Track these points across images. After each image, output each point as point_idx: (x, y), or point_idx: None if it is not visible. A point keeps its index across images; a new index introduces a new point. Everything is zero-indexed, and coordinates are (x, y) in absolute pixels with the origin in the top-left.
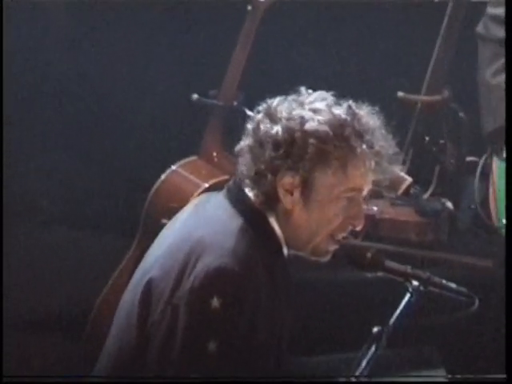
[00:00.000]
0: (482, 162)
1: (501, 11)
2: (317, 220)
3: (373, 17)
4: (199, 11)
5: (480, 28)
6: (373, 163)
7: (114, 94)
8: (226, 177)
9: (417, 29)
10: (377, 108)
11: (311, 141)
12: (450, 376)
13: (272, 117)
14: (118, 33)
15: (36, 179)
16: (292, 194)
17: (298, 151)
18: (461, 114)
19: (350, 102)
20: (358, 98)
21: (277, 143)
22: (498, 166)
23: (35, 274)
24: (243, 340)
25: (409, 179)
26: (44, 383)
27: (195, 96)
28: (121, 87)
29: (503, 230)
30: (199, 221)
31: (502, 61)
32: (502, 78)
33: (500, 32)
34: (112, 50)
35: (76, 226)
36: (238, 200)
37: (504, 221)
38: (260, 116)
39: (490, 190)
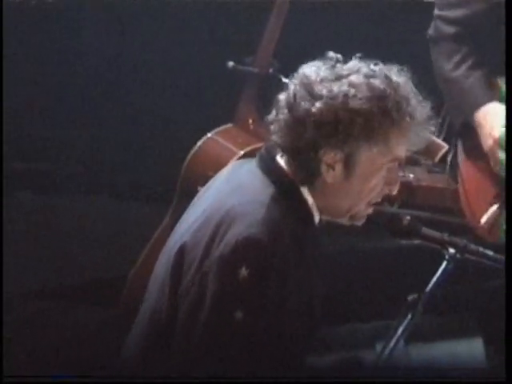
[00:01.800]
0: (450, 156)
1: (448, 13)
2: (358, 191)
3: None
4: None
5: (431, 31)
6: (413, 134)
7: (150, 63)
8: (262, 144)
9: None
10: (405, 68)
11: (357, 119)
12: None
13: (311, 91)
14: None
15: (71, 148)
16: (334, 169)
17: (344, 130)
18: None
19: (381, 65)
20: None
21: (319, 122)
22: (463, 160)
23: (72, 243)
24: (271, 310)
25: (446, 146)
26: (44, 383)
27: (231, 63)
28: (156, 55)
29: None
30: (231, 189)
31: (460, 55)
32: (461, 70)
33: (451, 29)
34: (148, 17)
35: (113, 194)
36: (269, 169)
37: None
38: (296, 88)
39: (460, 187)
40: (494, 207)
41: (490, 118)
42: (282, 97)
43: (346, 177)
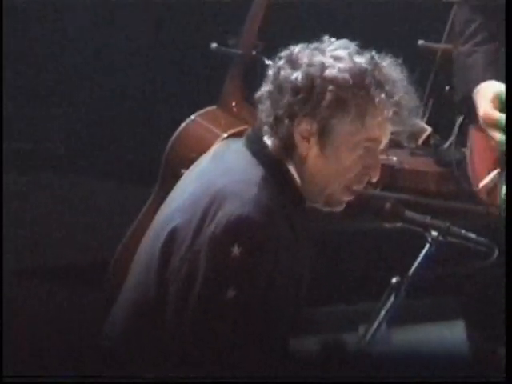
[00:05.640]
0: (456, 127)
1: None
2: (332, 169)
3: None
4: None
5: None
6: (391, 113)
7: (133, 44)
8: (245, 127)
9: None
10: (400, 60)
11: (330, 87)
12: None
13: (293, 63)
14: None
15: (55, 129)
16: (308, 141)
17: (317, 97)
18: None
19: (373, 52)
20: (379, 46)
21: (296, 88)
22: (470, 129)
23: (53, 223)
24: (262, 289)
25: (429, 129)
26: (44, 383)
27: (214, 45)
28: (140, 37)
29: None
30: (220, 169)
31: (472, 28)
32: (469, 45)
33: None
34: (131, 3)
35: (96, 175)
36: (257, 149)
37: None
38: (281, 62)
39: (467, 155)
40: (494, 172)
41: (480, 97)
42: (269, 72)
43: (321, 151)
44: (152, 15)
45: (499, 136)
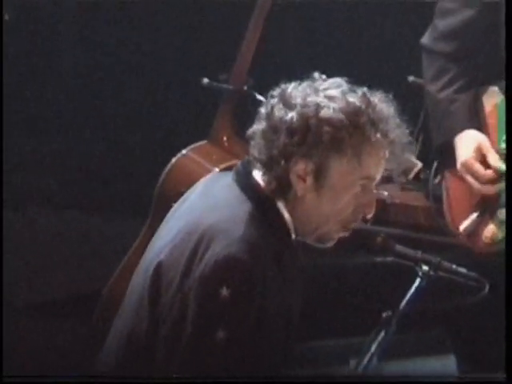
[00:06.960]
0: (433, 170)
1: (448, 23)
2: (328, 207)
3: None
4: None
5: (426, 40)
6: (387, 152)
7: (125, 79)
8: (236, 161)
9: (428, 11)
10: (390, 95)
11: (326, 128)
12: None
13: (287, 102)
14: (128, 15)
15: (46, 162)
16: (305, 181)
17: (313, 139)
18: None
19: (365, 89)
20: (370, 82)
21: (291, 130)
22: (446, 172)
23: (45, 258)
24: (252, 328)
25: (419, 164)
26: (44, 383)
27: (205, 80)
28: (131, 72)
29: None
30: (208, 206)
31: (449, 76)
32: (448, 92)
33: (447, 47)
34: (122, 34)
35: (87, 209)
36: (246, 184)
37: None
38: (274, 101)
39: (444, 199)
40: (474, 215)
41: (462, 144)
42: (262, 110)
43: (317, 190)
44: (143, 50)
45: (476, 185)
